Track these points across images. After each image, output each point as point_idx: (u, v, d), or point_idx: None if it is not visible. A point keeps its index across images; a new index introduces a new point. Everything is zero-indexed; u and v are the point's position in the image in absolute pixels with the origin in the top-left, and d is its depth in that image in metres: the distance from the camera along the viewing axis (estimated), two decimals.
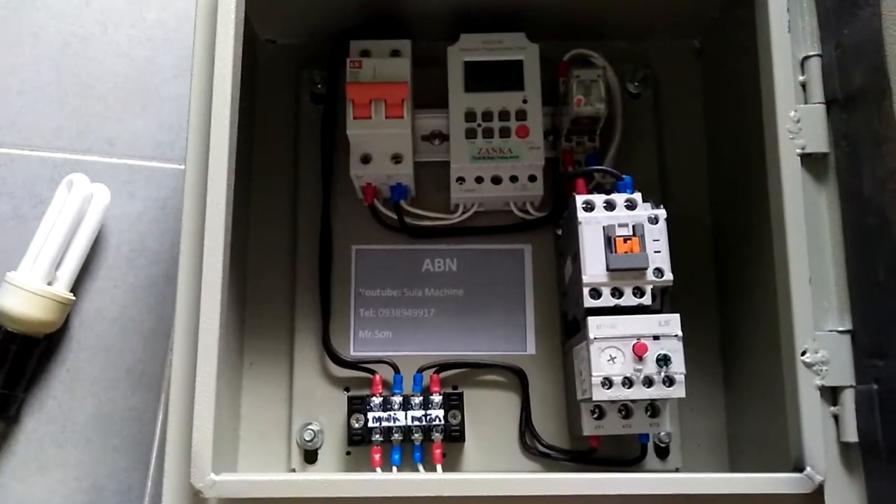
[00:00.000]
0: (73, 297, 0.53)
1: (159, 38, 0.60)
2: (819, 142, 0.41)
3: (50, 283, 0.52)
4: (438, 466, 0.47)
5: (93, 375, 0.54)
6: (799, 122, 0.41)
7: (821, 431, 0.39)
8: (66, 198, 0.53)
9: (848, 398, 0.39)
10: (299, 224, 0.52)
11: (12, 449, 0.53)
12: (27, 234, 0.53)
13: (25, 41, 0.59)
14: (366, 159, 0.49)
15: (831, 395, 0.40)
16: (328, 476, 0.43)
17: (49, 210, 0.53)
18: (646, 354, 0.42)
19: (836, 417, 0.39)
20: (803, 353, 0.39)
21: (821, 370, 0.39)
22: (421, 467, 0.47)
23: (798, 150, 0.41)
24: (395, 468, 0.47)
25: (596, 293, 0.43)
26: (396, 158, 0.49)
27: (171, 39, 0.59)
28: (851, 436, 0.39)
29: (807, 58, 0.42)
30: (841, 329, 0.40)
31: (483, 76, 0.50)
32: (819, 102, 0.42)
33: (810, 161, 0.41)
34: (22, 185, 0.57)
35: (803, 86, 0.42)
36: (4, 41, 0.59)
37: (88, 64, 0.59)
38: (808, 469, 0.38)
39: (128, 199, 0.57)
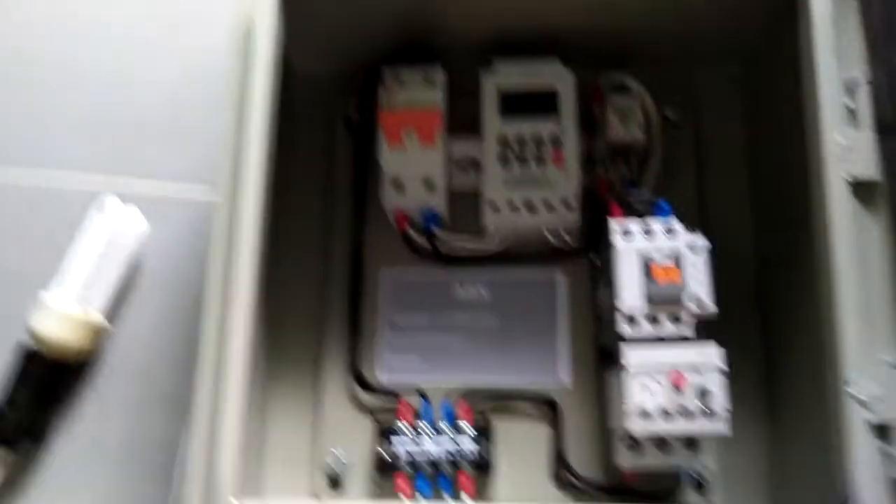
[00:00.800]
0: (109, 325, 0.54)
1: (198, 69, 0.61)
2: (868, 168, 0.40)
3: (85, 310, 0.52)
4: (466, 497, 0.46)
5: (123, 401, 0.54)
6: (847, 148, 0.40)
7: (868, 468, 0.36)
8: (99, 222, 0.54)
9: None
10: (331, 250, 0.52)
11: (40, 473, 0.52)
12: (62, 259, 0.53)
13: (68, 69, 0.61)
14: (399, 187, 0.49)
15: (880, 430, 0.37)
16: (352, 502, 0.42)
17: (83, 235, 0.54)
18: (685, 386, 0.41)
19: (884, 454, 0.37)
20: (852, 386, 0.37)
21: (871, 404, 0.37)
22: (448, 497, 0.46)
23: (846, 177, 0.39)
24: (421, 497, 0.46)
25: (633, 322, 0.42)
26: (429, 185, 0.49)
27: (209, 69, 0.61)
28: None
29: (854, 81, 0.41)
30: (892, 361, 0.38)
31: (517, 103, 0.49)
32: (868, 128, 0.40)
33: (859, 188, 0.40)
34: (56, 209, 0.57)
35: (851, 111, 0.41)
36: (50, 69, 0.61)
37: (126, 94, 0.60)
38: None
39: (163, 227, 0.57)
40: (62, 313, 0.51)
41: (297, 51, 0.52)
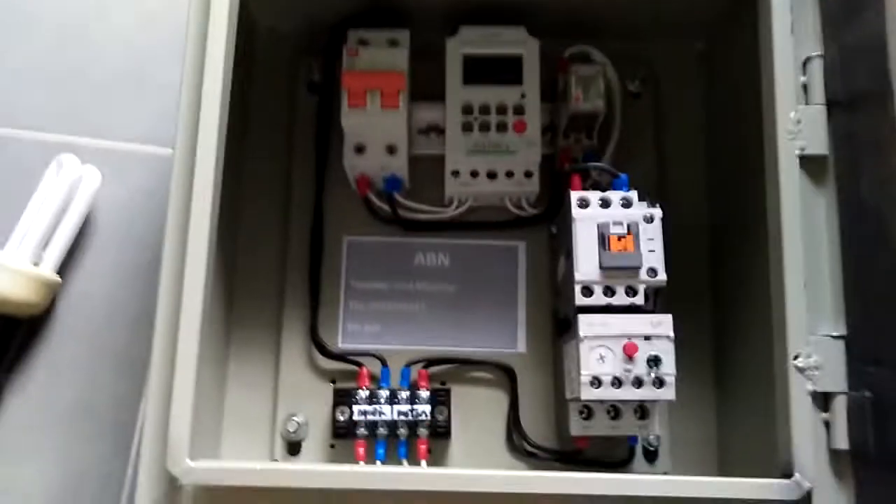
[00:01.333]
0: (60, 279, 0.53)
1: (158, 24, 0.59)
2: (819, 143, 0.41)
3: (36, 264, 0.51)
4: (423, 463, 0.46)
5: (76, 360, 0.53)
6: (799, 122, 0.41)
7: (811, 437, 0.38)
8: (55, 178, 0.53)
9: (840, 405, 0.38)
10: (292, 214, 0.51)
11: None
12: (16, 215, 0.52)
13: (22, 23, 0.59)
14: (360, 149, 0.48)
15: (823, 400, 0.39)
16: (308, 466, 0.43)
17: (38, 190, 0.53)
18: (636, 355, 0.42)
19: (827, 424, 0.39)
20: (796, 358, 0.39)
21: (813, 375, 0.39)
22: (405, 462, 0.46)
23: (797, 152, 0.40)
24: (379, 463, 0.46)
25: (588, 291, 0.43)
26: (391, 149, 0.48)
27: (170, 25, 0.59)
28: (842, 443, 0.38)
29: (809, 59, 0.42)
30: (835, 334, 0.40)
31: (482, 70, 0.49)
32: (820, 104, 0.41)
33: (809, 163, 0.41)
34: (12, 165, 0.56)
35: (805, 87, 0.42)
36: (2, 24, 0.59)
37: (85, 47, 0.59)
38: (797, 475, 0.37)
39: (119, 184, 0.56)
40: (14, 269, 0.50)
41: (260, 7, 0.51)
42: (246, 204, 0.52)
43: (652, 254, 0.43)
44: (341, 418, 0.46)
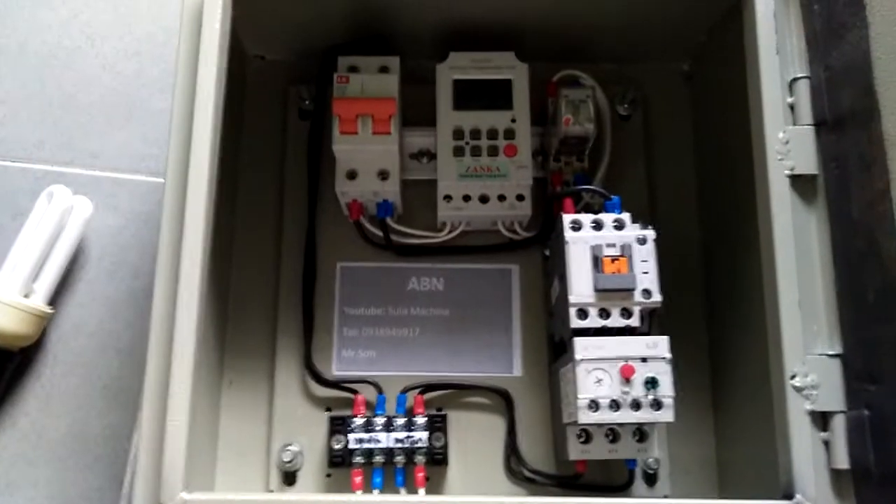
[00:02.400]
0: (51, 311, 0.52)
1: (146, 52, 0.59)
2: (808, 163, 0.41)
3: (27, 296, 0.51)
4: (421, 490, 0.46)
5: (68, 391, 0.53)
6: (788, 143, 0.41)
7: (811, 457, 0.38)
8: (45, 209, 0.52)
9: (839, 424, 0.38)
10: (284, 240, 0.51)
11: None
12: (6, 247, 0.52)
13: (10, 51, 0.59)
14: (352, 175, 0.48)
15: (822, 420, 0.39)
16: (304, 497, 0.42)
17: (28, 221, 0.52)
18: (633, 377, 0.41)
19: (826, 443, 0.39)
20: (793, 377, 0.39)
21: (811, 395, 0.38)
22: (403, 490, 0.46)
23: (787, 172, 0.41)
24: (376, 491, 0.46)
25: (583, 314, 0.43)
26: (383, 175, 0.49)
27: (159, 53, 0.59)
28: (842, 462, 0.38)
29: (795, 80, 0.42)
30: (831, 353, 0.40)
31: (472, 94, 0.49)
32: (808, 124, 0.42)
33: (799, 182, 0.41)
34: (2, 196, 0.56)
35: (792, 107, 0.42)
36: None
37: (74, 76, 0.59)
38: (798, 496, 0.37)
39: (110, 212, 0.56)
40: (5, 302, 0.49)
41: (250, 36, 0.52)
42: (238, 231, 0.52)
43: (646, 275, 0.43)
44: (337, 447, 0.46)
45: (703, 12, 0.48)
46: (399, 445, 0.46)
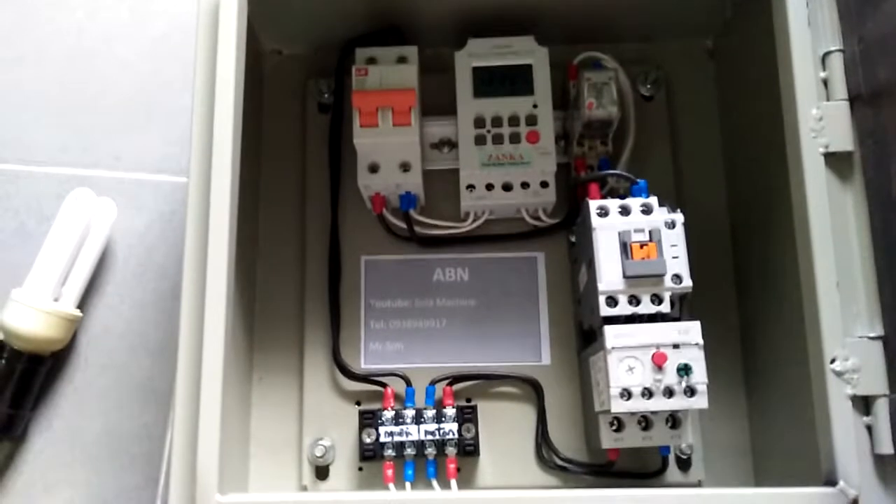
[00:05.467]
0: (80, 314, 0.53)
1: (164, 52, 0.59)
2: (843, 140, 0.40)
3: (56, 300, 0.51)
4: (453, 482, 0.46)
5: (101, 393, 0.53)
6: (821, 119, 0.40)
7: (854, 443, 0.37)
8: (71, 213, 0.53)
9: (882, 407, 0.37)
10: (308, 235, 0.51)
11: (20, 469, 0.52)
12: (33, 251, 0.52)
13: (29, 56, 0.59)
14: (374, 168, 0.48)
15: (864, 404, 0.38)
16: (338, 495, 0.42)
17: (54, 226, 0.53)
18: (665, 364, 0.41)
19: (869, 428, 0.38)
20: (832, 361, 0.38)
21: (852, 378, 0.37)
22: (435, 483, 0.46)
23: (821, 149, 0.39)
24: (408, 484, 0.46)
25: (612, 301, 0.42)
26: (405, 167, 0.48)
27: (177, 53, 0.59)
28: (886, 447, 0.37)
29: (828, 53, 0.41)
30: (872, 335, 0.38)
31: (492, 81, 0.49)
32: (842, 99, 0.40)
33: (834, 160, 0.40)
34: (27, 201, 0.56)
35: (825, 82, 0.41)
36: (8, 56, 0.59)
37: (93, 79, 0.59)
38: (842, 483, 0.36)
39: (135, 214, 0.56)
40: (35, 307, 0.50)
41: (266, 32, 0.51)
42: (262, 228, 0.52)
43: (676, 260, 0.42)
44: (368, 440, 0.46)
45: None
46: (430, 437, 0.46)
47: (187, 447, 0.37)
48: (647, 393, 0.41)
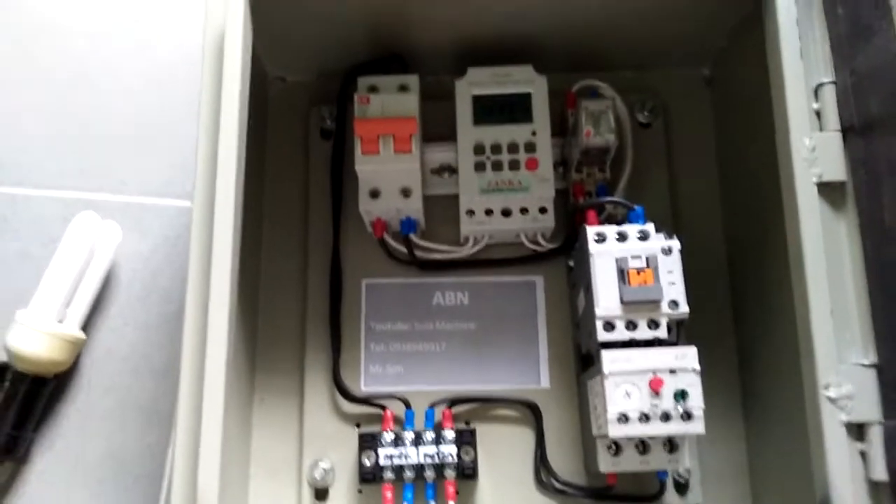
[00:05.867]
0: (84, 337, 0.53)
1: (169, 78, 0.60)
2: (836, 170, 0.40)
3: (60, 322, 0.52)
4: None
5: (104, 415, 0.54)
6: (814, 150, 0.40)
7: (848, 469, 0.37)
8: (76, 236, 0.53)
9: (875, 434, 0.38)
10: (310, 259, 0.52)
11: (21, 490, 0.52)
12: (37, 274, 0.53)
13: (35, 81, 0.60)
14: (375, 194, 0.49)
15: (858, 431, 0.38)
16: None
17: (59, 248, 0.53)
18: (662, 389, 0.41)
19: (863, 454, 0.38)
20: (827, 388, 0.38)
21: (846, 405, 0.38)
22: None
23: (814, 179, 0.40)
24: None
25: (610, 326, 0.42)
26: (405, 192, 0.49)
27: (181, 79, 0.60)
28: (880, 474, 0.37)
29: (820, 85, 0.42)
30: (866, 363, 0.39)
31: (491, 109, 0.50)
32: (835, 130, 0.41)
33: (827, 190, 0.40)
34: (31, 224, 0.57)
35: (818, 113, 0.42)
36: (14, 80, 0.60)
37: (98, 104, 0.60)
38: None
39: (139, 237, 0.57)
40: (39, 329, 0.50)
41: (271, 59, 0.52)
42: (265, 251, 0.52)
43: (672, 286, 0.42)
44: (367, 463, 0.46)
45: (722, 16, 0.48)
46: (429, 461, 0.46)
47: (188, 468, 0.38)
48: (644, 417, 0.41)
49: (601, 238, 0.44)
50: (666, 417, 0.41)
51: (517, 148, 0.49)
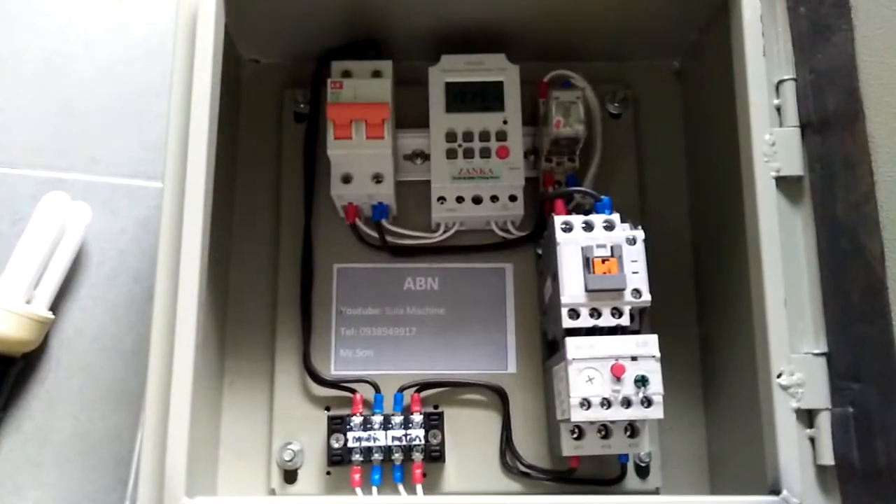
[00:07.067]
0: (53, 316, 0.53)
1: (143, 57, 0.60)
2: (794, 165, 0.42)
3: (28, 302, 0.52)
4: (418, 487, 0.47)
5: (72, 395, 0.54)
6: (774, 145, 0.41)
7: (797, 454, 0.39)
8: (46, 216, 0.53)
9: (824, 421, 0.39)
10: (281, 242, 0.52)
11: None
12: (6, 253, 0.52)
13: (7, 58, 0.59)
14: (347, 179, 0.49)
15: (807, 417, 0.40)
16: (306, 499, 0.43)
17: (28, 228, 0.53)
18: (624, 375, 0.42)
19: (812, 440, 0.39)
20: (779, 376, 0.39)
21: (797, 392, 0.39)
22: (401, 487, 0.47)
23: (773, 173, 0.41)
24: (375, 489, 0.47)
25: (574, 313, 0.43)
26: (377, 178, 0.49)
27: (155, 58, 0.60)
28: (828, 458, 0.39)
29: (781, 81, 0.43)
30: (816, 352, 0.40)
31: (464, 97, 0.50)
32: (793, 126, 0.42)
33: (785, 184, 0.42)
34: (1, 202, 0.56)
35: (778, 109, 0.43)
36: None
37: (71, 82, 0.59)
38: (785, 492, 0.38)
39: (109, 217, 0.57)
40: (6, 309, 0.50)
41: (244, 41, 0.52)
42: (236, 234, 0.52)
43: (636, 275, 0.43)
44: (336, 445, 0.47)
45: (693, 10, 0.48)
46: (397, 443, 0.47)
47: (156, 449, 0.38)
48: (606, 403, 0.42)
49: (568, 227, 0.44)
50: (627, 403, 0.42)
51: (489, 136, 0.49)
